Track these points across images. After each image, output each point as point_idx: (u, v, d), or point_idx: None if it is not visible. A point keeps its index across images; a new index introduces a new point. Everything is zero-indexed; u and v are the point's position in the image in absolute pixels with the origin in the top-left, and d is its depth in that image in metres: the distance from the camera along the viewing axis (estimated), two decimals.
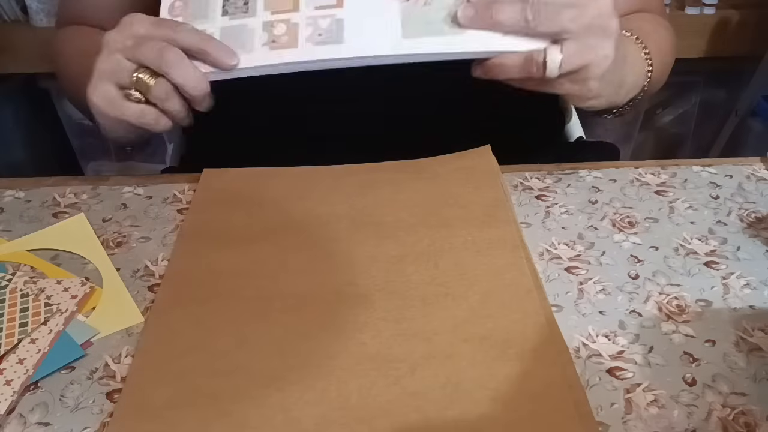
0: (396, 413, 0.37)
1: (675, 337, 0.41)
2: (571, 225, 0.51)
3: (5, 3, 1.27)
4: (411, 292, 0.44)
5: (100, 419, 0.37)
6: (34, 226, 0.52)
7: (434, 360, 0.39)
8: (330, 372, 0.39)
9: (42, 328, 0.43)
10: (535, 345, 0.40)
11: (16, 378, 0.39)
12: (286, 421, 0.36)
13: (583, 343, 0.41)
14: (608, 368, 0.39)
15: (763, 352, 0.40)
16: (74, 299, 0.45)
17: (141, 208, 0.54)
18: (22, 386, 0.39)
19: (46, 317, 0.43)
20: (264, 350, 0.41)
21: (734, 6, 1.33)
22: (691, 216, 0.52)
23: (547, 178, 0.57)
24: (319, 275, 0.46)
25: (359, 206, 0.52)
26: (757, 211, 0.52)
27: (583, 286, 0.46)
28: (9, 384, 0.39)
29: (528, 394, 0.37)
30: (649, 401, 0.37)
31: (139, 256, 0.49)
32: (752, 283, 0.45)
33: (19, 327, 0.42)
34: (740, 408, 0.37)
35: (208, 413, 0.37)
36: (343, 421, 0.36)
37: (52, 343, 0.41)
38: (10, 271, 0.48)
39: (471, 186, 0.54)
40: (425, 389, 0.38)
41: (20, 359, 0.40)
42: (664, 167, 0.58)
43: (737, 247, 0.49)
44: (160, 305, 0.44)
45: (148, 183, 0.58)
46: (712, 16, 1.32)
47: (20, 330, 0.42)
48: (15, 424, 0.37)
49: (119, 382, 0.40)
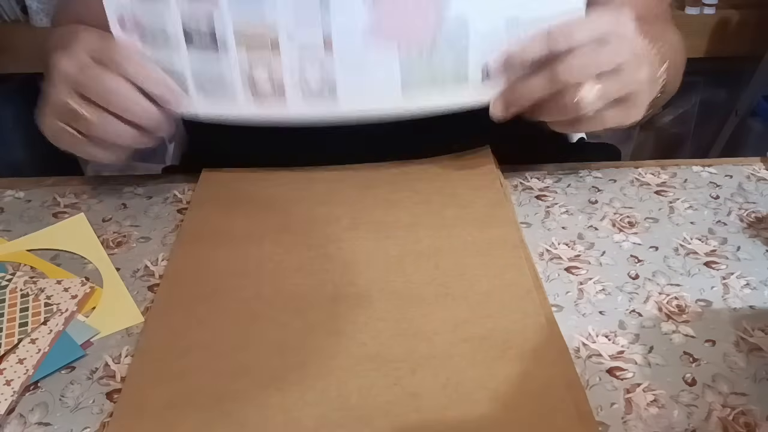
0: (396, 413, 0.37)
1: (675, 337, 0.41)
2: (571, 225, 0.51)
3: (5, 3, 1.27)
4: (411, 292, 0.44)
5: (100, 419, 0.37)
6: (34, 226, 0.52)
7: (434, 360, 0.39)
8: (330, 372, 0.39)
9: (42, 328, 0.43)
10: (535, 345, 0.40)
11: (16, 378, 0.39)
12: (285, 422, 0.36)
13: (583, 343, 0.41)
14: (608, 368, 0.39)
15: (763, 352, 0.40)
16: (74, 299, 0.45)
17: (141, 208, 0.54)
18: (22, 386, 0.39)
19: (46, 317, 0.43)
20: (264, 350, 0.41)
21: (734, 6, 1.33)
22: (691, 216, 0.52)
23: (547, 178, 0.57)
24: (319, 275, 0.46)
25: (359, 206, 0.52)
26: (757, 211, 0.52)
27: (583, 286, 0.46)
28: (9, 384, 0.39)
29: (528, 394, 0.37)
30: (649, 401, 0.37)
31: (139, 256, 0.49)
32: (752, 283, 0.45)
33: (19, 327, 0.42)
34: (740, 408, 0.37)
35: (208, 413, 0.37)
36: (343, 422, 0.36)
37: (52, 343, 0.41)
38: (10, 271, 0.48)
39: (471, 186, 0.54)
40: (425, 389, 0.38)
41: (20, 359, 0.40)
42: (664, 167, 0.58)
43: (737, 247, 0.49)
44: (160, 305, 0.44)
45: (148, 183, 0.58)
46: (712, 16, 1.33)
47: (20, 330, 0.42)
48: (15, 424, 0.37)
49: (119, 382, 0.40)
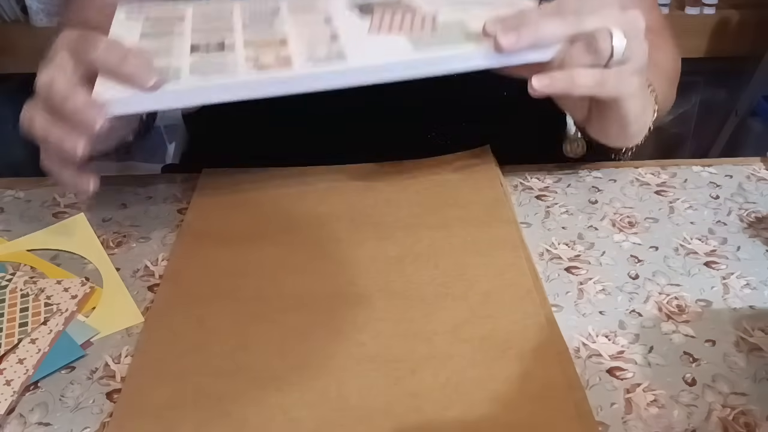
0: (396, 414, 0.37)
1: (675, 337, 0.41)
2: (571, 225, 0.51)
3: (5, 3, 1.27)
4: (411, 292, 0.44)
5: (100, 419, 0.37)
6: (34, 226, 0.52)
7: (434, 360, 0.39)
8: (330, 372, 0.39)
9: (42, 328, 0.43)
10: (535, 345, 0.40)
11: (16, 378, 0.39)
12: (285, 422, 0.36)
13: (583, 343, 0.41)
14: (608, 368, 0.39)
15: (763, 352, 0.40)
16: (74, 299, 0.45)
17: (141, 208, 0.54)
18: (22, 386, 0.39)
19: (46, 317, 0.43)
20: (264, 350, 0.41)
21: (734, 6, 1.33)
22: (691, 216, 0.52)
23: (547, 178, 0.57)
24: (318, 275, 0.46)
25: (359, 206, 0.52)
26: (757, 211, 0.52)
27: (583, 286, 0.45)
28: (9, 384, 0.39)
29: (528, 395, 0.37)
30: (649, 401, 0.37)
31: (139, 256, 0.49)
32: (752, 283, 0.45)
33: (19, 327, 0.42)
34: (740, 408, 0.37)
35: (208, 413, 0.37)
36: (342, 422, 0.36)
37: (52, 343, 0.41)
38: (10, 271, 0.48)
39: (471, 186, 0.54)
40: (425, 390, 0.38)
41: (20, 359, 0.40)
42: (664, 167, 0.58)
43: (737, 247, 0.49)
44: (160, 305, 0.44)
45: (148, 183, 0.57)
46: (712, 16, 1.33)
47: (20, 330, 0.42)
48: (15, 424, 0.37)
49: (119, 382, 0.40)
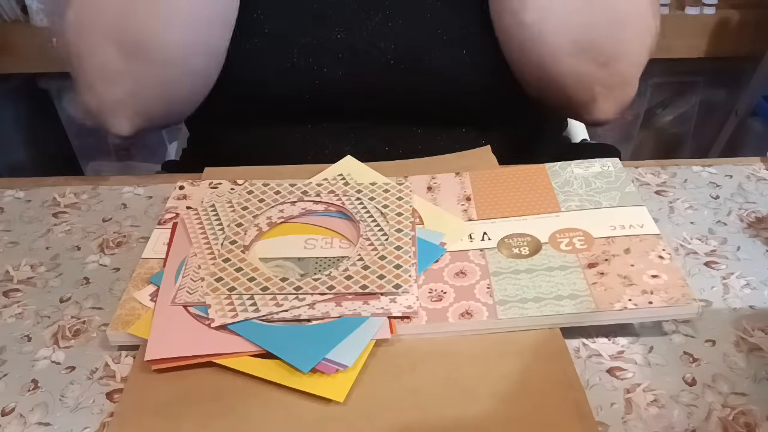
0: (396, 409, 0.37)
1: (675, 337, 0.41)
2: None
3: (5, 3, 1.27)
4: None
5: (100, 419, 0.37)
6: (34, 226, 0.52)
7: (434, 356, 0.40)
8: None
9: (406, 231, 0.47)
10: (535, 344, 0.40)
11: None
12: (287, 417, 0.36)
13: (583, 343, 0.41)
14: (608, 368, 0.39)
15: (763, 352, 0.40)
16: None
17: (141, 208, 0.54)
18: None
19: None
20: None
21: (734, 6, 1.33)
22: (691, 216, 0.52)
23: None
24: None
25: None
26: (757, 211, 0.52)
27: None
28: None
29: (528, 394, 0.37)
30: (649, 401, 0.37)
31: (139, 256, 0.49)
32: (752, 283, 0.45)
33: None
34: (740, 408, 0.37)
35: (208, 412, 0.37)
36: (343, 417, 0.36)
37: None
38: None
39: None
40: (425, 385, 0.38)
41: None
42: (664, 167, 0.58)
43: (737, 247, 0.49)
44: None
45: (148, 183, 0.58)
46: (712, 16, 1.33)
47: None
48: (15, 424, 0.37)
49: (119, 382, 0.40)
